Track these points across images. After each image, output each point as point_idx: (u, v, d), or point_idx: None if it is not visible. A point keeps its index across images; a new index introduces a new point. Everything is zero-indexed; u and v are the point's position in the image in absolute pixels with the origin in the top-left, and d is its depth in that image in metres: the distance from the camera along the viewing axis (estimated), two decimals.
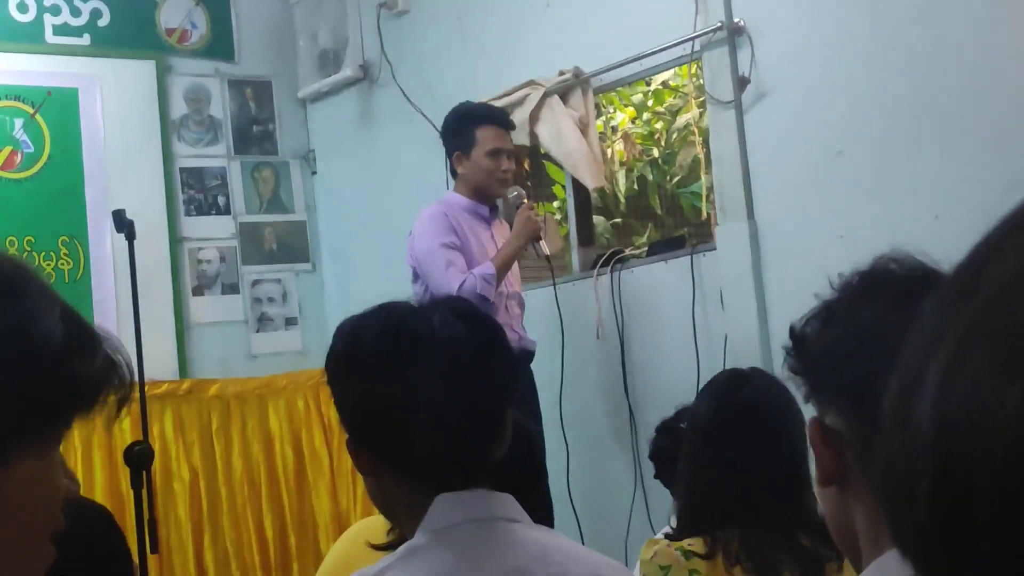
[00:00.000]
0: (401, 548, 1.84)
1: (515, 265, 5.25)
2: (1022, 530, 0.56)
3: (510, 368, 2.01)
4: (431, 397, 1.83)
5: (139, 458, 4.48)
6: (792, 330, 1.44)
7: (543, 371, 5.29)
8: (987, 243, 0.63)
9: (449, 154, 5.19)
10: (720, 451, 2.67)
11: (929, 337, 0.63)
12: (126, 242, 4.99)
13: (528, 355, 5.03)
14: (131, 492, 4.58)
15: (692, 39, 5.05)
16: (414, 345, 1.85)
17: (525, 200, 5.04)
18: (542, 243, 4.99)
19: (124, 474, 5.27)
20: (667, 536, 2.66)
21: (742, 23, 4.90)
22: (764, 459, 2.62)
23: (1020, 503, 0.56)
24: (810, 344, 1.41)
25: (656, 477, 2.82)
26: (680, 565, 2.50)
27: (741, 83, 4.90)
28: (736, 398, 2.73)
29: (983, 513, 0.57)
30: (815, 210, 4.67)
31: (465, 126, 5.10)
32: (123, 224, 4.96)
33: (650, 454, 2.84)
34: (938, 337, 0.62)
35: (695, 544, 2.58)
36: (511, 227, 5.08)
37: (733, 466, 2.62)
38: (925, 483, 0.60)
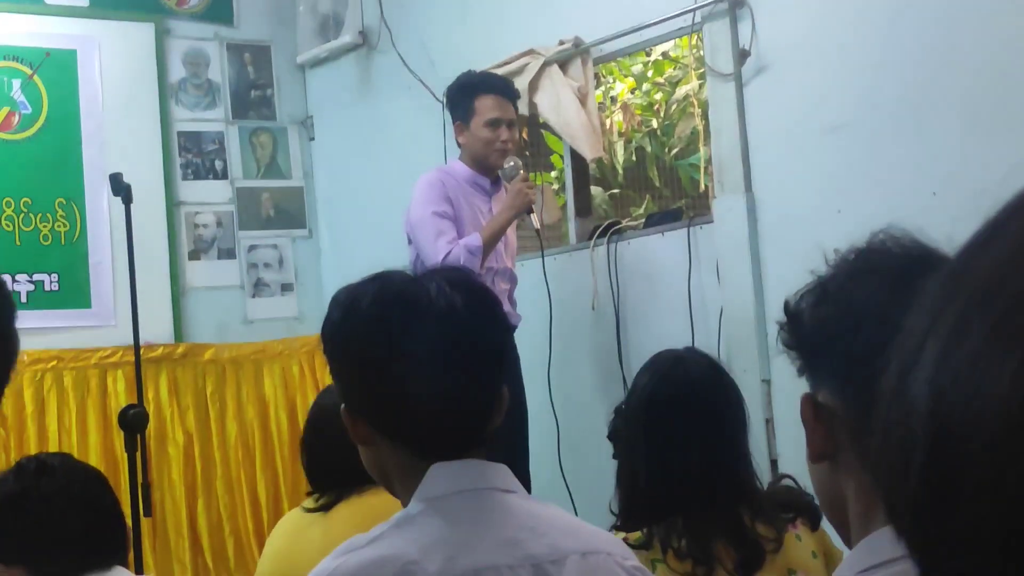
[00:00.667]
0: (396, 515, 1.85)
1: (513, 239, 5.24)
2: (1015, 503, 0.56)
3: (506, 337, 2.02)
4: (428, 366, 1.84)
5: (134, 422, 4.49)
6: (787, 305, 1.43)
7: (534, 343, 5.30)
8: (989, 226, 0.64)
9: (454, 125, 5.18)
10: (657, 433, 2.66)
11: (929, 314, 0.63)
12: (123, 205, 4.98)
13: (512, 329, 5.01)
14: (125, 455, 4.59)
15: (693, 10, 5.03)
16: (411, 313, 1.85)
17: (521, 171, 5.02)
18: (533, 216, 4.97)
19: (119, 437, 5.29)
20: (613, 528, 2.66)
21: None
22: (702, 440, 2.63)
23: (1013, 475, 0.56)
24: (804, 320, 1.41)
25: (615, 458, 2.82)
26: (642, 556, 2.50)
27: (741, 56, 4.88)
28: (671, 379, 2.73)
29: (976, 486, 0.57)
30: (813, 185, 4.67)
31: (465, 96, 5.09)
32: (120, 187, 4.96)
33: (608, 434, 2.83)
34: (938, 313, 0.62)
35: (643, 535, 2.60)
36: None
37: (671, 448, 2.63)
38: (920, 457, 0.61)
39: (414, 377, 1.84)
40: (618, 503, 2.75)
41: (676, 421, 2.65)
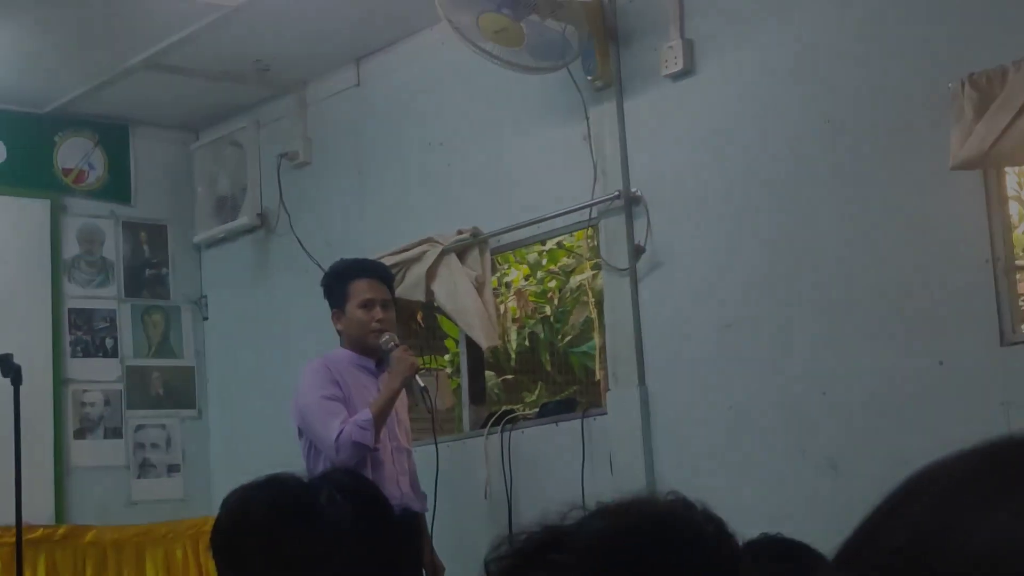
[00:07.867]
0: None
1: (404, 418, 5.18)
2: None
3: (396, 544, 2.02)
4: (318, 574, 1.83)
5: None
6: None
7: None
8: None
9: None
10: None
11: None
12: (12, 387, 4.90)
13: (411, 516, 4.91)
14: None
15: (590, 206, 5.14)
16: (301, 524, 1.85)
17: (396, 343, 4.99)
18: (418, 377, 4.94)
19: None
20: None
21: (639, 193, 5.00)
22: None
23: None
24: None
25: None
26: None
27: (636, 251, 4.98)
28: None
29: None
30: (706, 380, 4.73)
31: (339, 283, 5.07)
32: (10, 369, 4.88)
33: None
34: None
35: None
36: None
37: None
38: None
39: None
40: None
41: None
